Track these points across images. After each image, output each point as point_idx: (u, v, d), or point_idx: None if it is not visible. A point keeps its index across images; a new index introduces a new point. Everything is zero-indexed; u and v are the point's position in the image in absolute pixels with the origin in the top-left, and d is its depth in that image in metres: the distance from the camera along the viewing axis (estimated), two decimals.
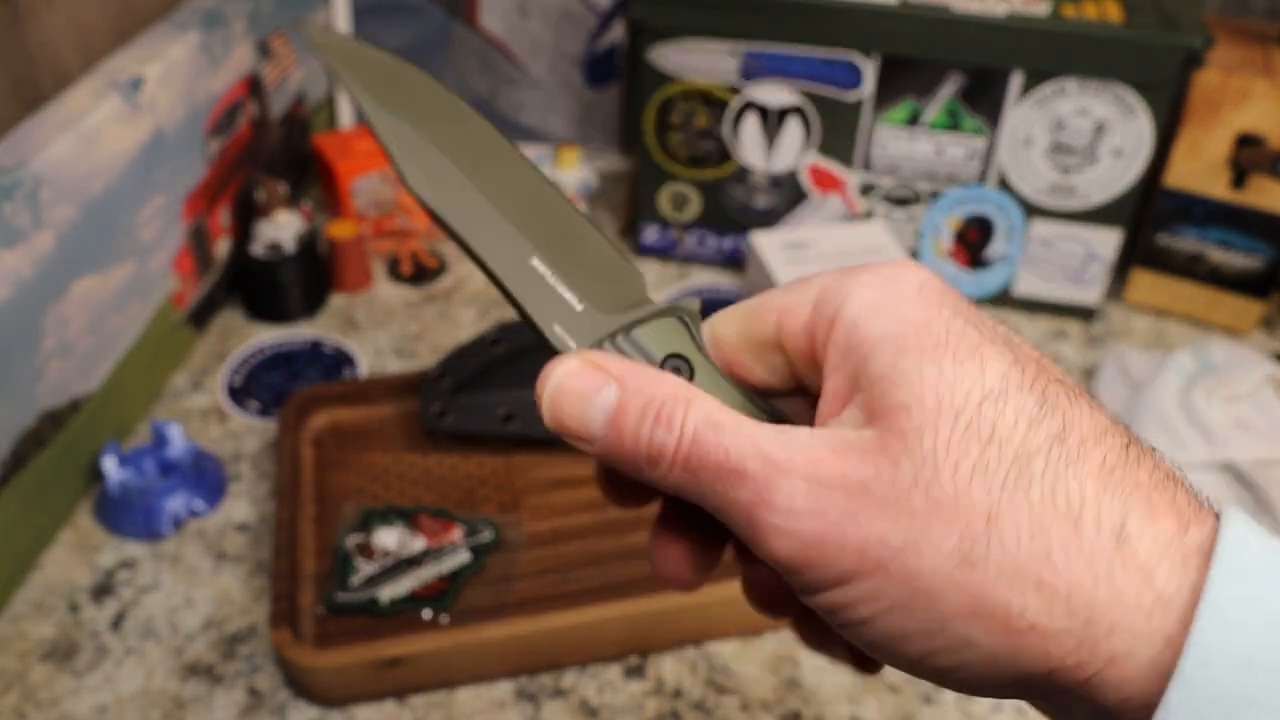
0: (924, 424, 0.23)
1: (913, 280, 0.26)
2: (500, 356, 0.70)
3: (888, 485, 0.23)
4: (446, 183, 0.29)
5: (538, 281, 0.29)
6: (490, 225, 0.29)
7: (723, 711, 0.55)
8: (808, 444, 0.25)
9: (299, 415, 0.68)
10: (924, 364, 0.24)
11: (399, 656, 0.53)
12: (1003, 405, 0.23)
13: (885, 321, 0.25)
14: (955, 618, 0.23)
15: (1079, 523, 0.22)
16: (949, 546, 0.23)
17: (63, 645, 0.57)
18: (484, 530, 0.62)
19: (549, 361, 0.28)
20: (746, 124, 0.83)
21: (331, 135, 0.92)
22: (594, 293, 0.29)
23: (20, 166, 0.57)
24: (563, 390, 0.27)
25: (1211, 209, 0.80)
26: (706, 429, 0.26)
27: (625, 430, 0.27)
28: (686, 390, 0.26)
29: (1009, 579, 0.22)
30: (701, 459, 0.25)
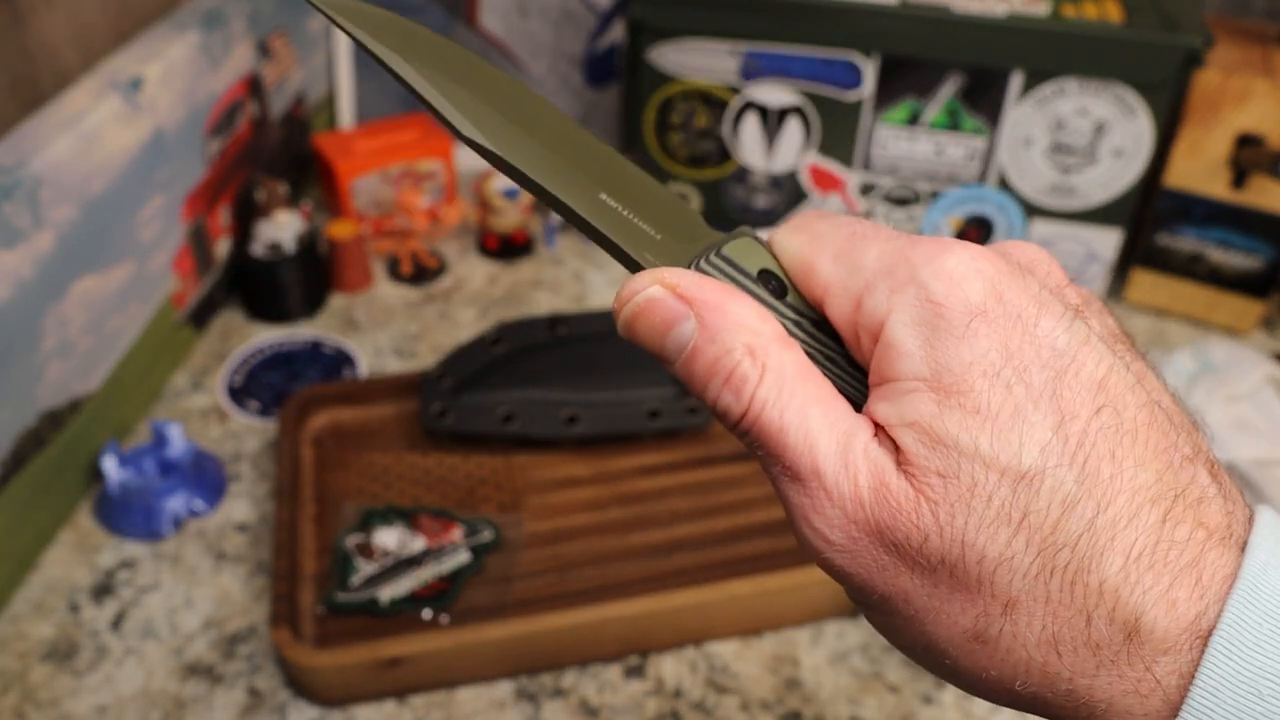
0: (958, 503, 0.23)
1: (965, 305, 0.24)
2: (500, 356, 0.70)
3: (917, 553, 0.23)
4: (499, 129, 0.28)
5: (613, 213, 0.28)
6: (553, 165, 0.28)
7: (723, 711, 0.55)
8: (856, 473, 0.24)
9: (299, 415, 0.68)
10: (961, 434, 0.23)
11: (399, 656, 0.53)
12: (1037, 487, 0.23)
13: (930, 365, 0.24)
14: (961, 673, 0.24)
15: (1091, 619, 0.22)
16: (965, 623, 0.23)
17: (63, 645, 0.57)
18: (484, 530, 0.62)
19: (633, 275, 0.26)
20: (746, 124, 0.83)
21: (331, 135, 0.92)
22: (665, 225, 0.28)
23: (20, 166, 0.57)
24: (640, 315, 0.26)
25: (1211, 209, 0.80)
26: (772, 412, 0.24)
27: (695, 375, 0.25)
28: (770, 347, 0.25)
29: (1016, 659, 0.23)
30: (761, 439, 0.25)
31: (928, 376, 0.24)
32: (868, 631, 0.60)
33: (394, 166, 0.89)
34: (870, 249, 0.25)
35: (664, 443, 0.69)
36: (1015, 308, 0.24)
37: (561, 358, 0.70)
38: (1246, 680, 0.22)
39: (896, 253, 0.25)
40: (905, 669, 0.58)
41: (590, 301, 0.85)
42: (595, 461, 0.68)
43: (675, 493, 0.66)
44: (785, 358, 0.25)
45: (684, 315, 0.25)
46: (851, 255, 0.26)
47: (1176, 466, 0.23)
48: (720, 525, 0.64)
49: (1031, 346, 0.23)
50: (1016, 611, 0.23)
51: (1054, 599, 0.22)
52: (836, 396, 0.25)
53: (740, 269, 0.27)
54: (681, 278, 0.26)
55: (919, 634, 0.24)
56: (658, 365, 0.71)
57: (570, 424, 0.67)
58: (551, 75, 1.00)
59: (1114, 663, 0.22)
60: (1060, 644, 0.23)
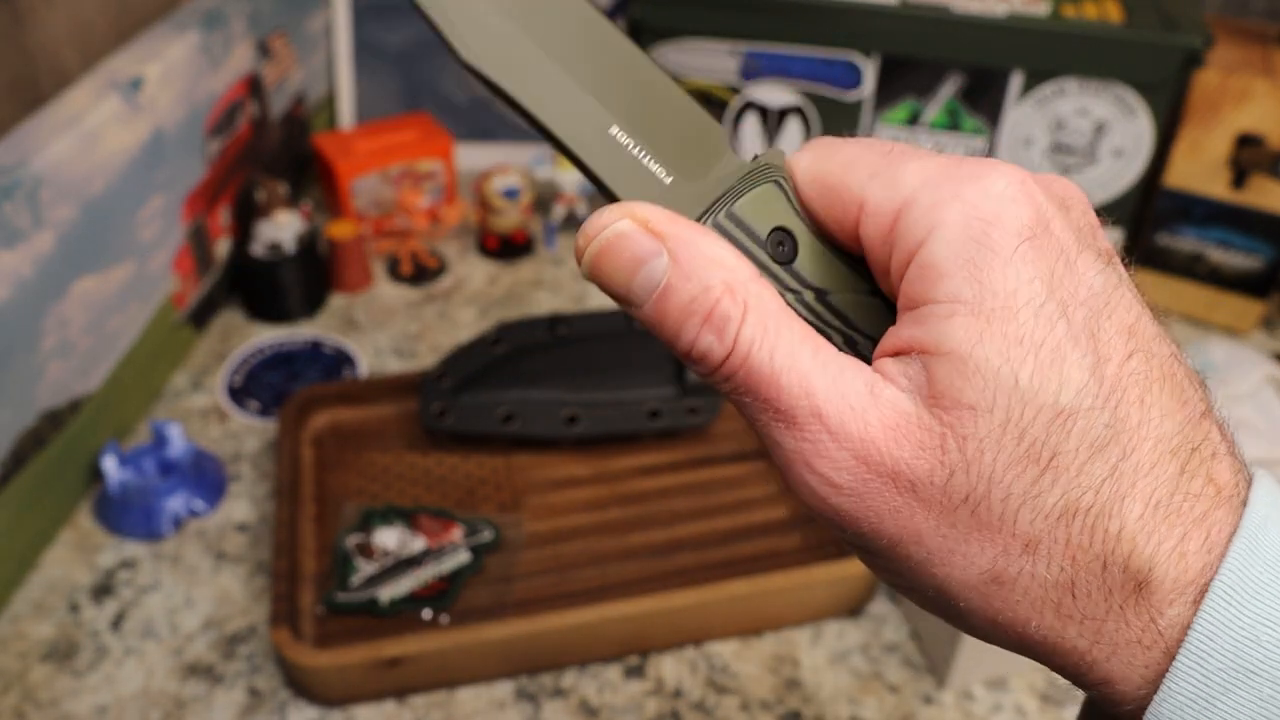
0: (988, 438, 0.22)
1: (1015, 226, 0.23)
2: (500, 356, 0.70)
3: (938, 493, 0.22)
4: (502, 42, 0.25)
5: (620, 154, 0.25)
6: (560, 91, 0.25)
7: (723, 711, 0.55)
8: (864, 411, 0.23)
9: (299, 415, 0.68)
10: (1002, 365, 0.22)
11: (399, 656, 0.53)
12: (1069, 427, 0.22)
13: (971, 286, 0.22)
14: (970, 615, 0.24)
15: (1108, 563, 0.22)
16: (983, 563, 0.23)
17: (63, 645, 0.57)
18: (484, 530, 0.62)
19: (606, 208, 0.24)
20: (746, 124, 0.83)
21: (331, 135, 0.92)
22: (680, 159, 0.26)
23: (20, 166, 0.57)
24: (606, 251, 0.24)
25: (1211, 209, 0.80)
26: (762, 353, 0.23)
27: (669, 314, 0.24)
28: (750, 286, 0.23)
29: (1031, 600, 0.23)
30: (748, 384, 0.23)
31: (969, 299, 0.22)
32: (868, 631, 0.60)
33: (394, 166, 0.89)
34: (909, 165, 0.24)
35: (664, 443, 0.69)
36: (1060, 239, 0.23)
37: (561, 358, 0.70)
38: (1245, 627, 0.22)
39: (940, 169, 0.24)
40: (905, 669, 0.58)
41: (590, 301, 0.85)
42: (595, 461, 0.68)
43: (675, 493, 0.66)
44: (765, 295, 0.24)
45: (655, 251, 0.23)
46: (889, 172, 0.24)
47: (1195, 420, 0.23)
48: (720, 525, 0.64)
49: (1072, 281, 0.23)
50: (1037, 552, 0.22)
51: (1074, 542, 0.22)
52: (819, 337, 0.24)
53: (749, 230, 0.26)
54: (653, 211, 0.24)
55: (929, 576, 0.23)
56: (658, 365, 0.71)
57: (570, 424, 0.67)
58: None
59: (1122, 610, 0.22)
60: (1076, 586, 0.22)
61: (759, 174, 0.26)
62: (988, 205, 0.23)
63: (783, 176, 0.26)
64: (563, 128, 0.25)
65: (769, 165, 0.26)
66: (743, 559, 0.62)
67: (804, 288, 0.26)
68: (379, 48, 0.98)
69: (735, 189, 0.26)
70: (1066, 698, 0.56)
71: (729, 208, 0.26)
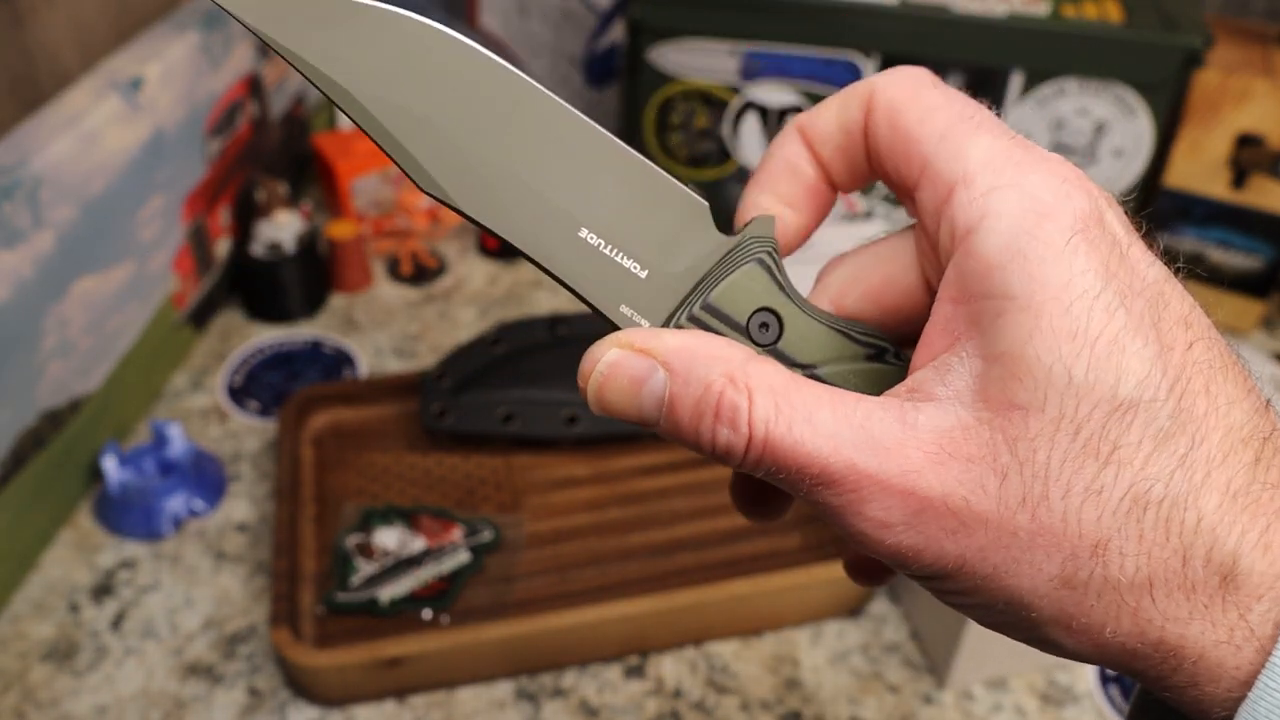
0: (1040, 436, 0.21)
1: (1069, 219, 0.22)
2: (500, 356, 0.70)
3: (993, 502, 0.22)
4: (458, 164, 0.24)
5: (591, 257, 0.25)
6: (524, 203, 0.24)
7: (723, 711, 0.55)
8: (900, 447, 0.22)
9: (299, 415, 0.68)
10: (1054, 363, 0.21)
11: (399, 656, 0.53)
12: (1130, 420, 0.21)
13: (1022, 280, 0.22)
14: (1046, 624, 0.23)
15: (1188, 557, 0.21)
16: (1051, 570, 0.22)
17: (63, 645, 0.57)
18: (484, 530, 0.62)
19: (595, 344, 0.25)
20: (746, 124, 0.83)
21: (331, 135, 0.92)
22: (657, 250, 0.25)
23: (20, 166, 0.57)
24: (606, 383, 0.24)
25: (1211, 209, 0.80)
26: (779, 429, 0.23)
27: (683, 424, 0.24)
28: (745, 369, 0.23)
29: (1107, 603, 0.22)
30: (778, 462, 0.23)
31: (1018, 294, 0.22)
32: (868, 631, 0.60)
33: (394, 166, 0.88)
34: (980, 139, 0.24)
35: (664, 443, 0.69)
36: (1112, 231, 0.23)
37: (561, 358, 0.70)
38: None
39: (1004, 152, 0.23)
40: (905, 669, 0.58)
41: None
42: (595, 461, 0.68)
43: (675, 493, 0.66)
44: (766, 371, 0.23)
45: (650, 368, 0.24)
46: (958, 138, 0.24)
47: (1262, 409, 0.23)
48: (720, 525, 0.64)
49: (1127, 273, 0.22)
50: (1107, 552, 0.21)
51: (1147, 536, 0.21)
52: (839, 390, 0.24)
53: (727, 318, 0.25)
54: (636, 335, 0.24)
55: (999, 590, 0.22)
56: None
57: (570, 424, 0.67)
58: (551, 75, 1.00)
59: (1207, 609, 0.21)
60: (1155, 585, 0.21)
61: (740, 252, 0.26)
62: (1042, 196, 0.22)
63: (767, 250, 0.26)
64: (529, 242, 0.25)
65: (753, 239, 0.26)
66: (743, 559, 0.62)
67: (792, 368, 0.25)
68: None
69: (713, 275, 0.25)
70: (1066, 698, 0.57)
71: (705, 298, 0.25)
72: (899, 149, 0.25)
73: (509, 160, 0.24)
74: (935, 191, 0.24)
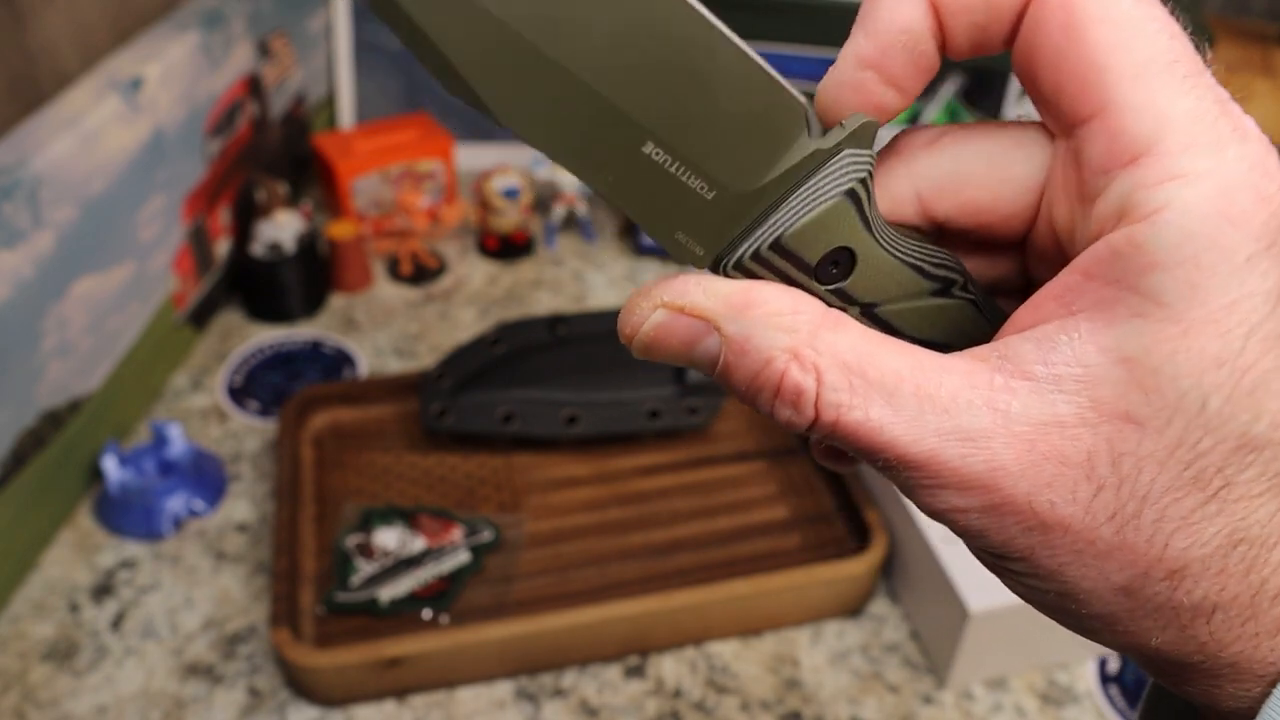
0: (1150, 458, 0.19)
1: (1257, 229, 0.19)
2: (500, 356, 0.70)
3: (1080, 511, 0.20)
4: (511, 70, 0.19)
5: (652, 175, 0.21)
6: (582, 117, 0.20)
7: (723, 711, 0.55)
8: (988, 441, 0.20)
9: (299, 415, 0.68)
10: (1191, 388, 0.19)
11: (399, 656, 0.53)
12: (1251, 460, 0.19)
13: (1182, 290, 0.19)
14: (1092, 619, 0.22)
15: (1260, 592, 0.20)
16: (1118, 580, 0.20)
17: (63, 645, 0.57)
18: (484, 530, 0.62)
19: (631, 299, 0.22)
20: None
21: (331, 135, 0.92)
22: (731, 165, 0.21)
23: (20, 166, 0.57)
24: (654, 345, 0.22)
25: None
26: (853, 415, 0.20)
27: (736, 388, 0.21)
28: (814, 341, 0.20)
29: (1160, 619, 0.21)
30: (848, 442, 0.20)
31: (1172, 303, 0.19)
32: (868, 631, 0.60)
33: (394, 166, 0.89)
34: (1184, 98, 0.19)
35: (664, 443, 0.69)
36: None
37: (561, 358, 0.70)
38: None
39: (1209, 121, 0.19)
40: (905, 669, 0.58)
41: (590, 301, 0.85)
42: (595, 461, 0.68)
43: (675, 493, 0.66)
44: (839, 343, 0.20)
45: (702, 331, 0.21)
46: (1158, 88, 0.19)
47: None
48: (720, 525, 0.64)
49: None
50: (1182, 578, 0.20)
51: (1229, 570, 0.20)
52: (920, 353, 0.21)
53: (798, 260, 0.21)
54: (686, 296, 0.21)
55: (1056, 583, 0.21)
56: (658, 365, 0.71)
57: (570, 424, 0.67)
58: None
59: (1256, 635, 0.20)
60: (1216, 612, 0.20)
61: (829, 178, 0.21)
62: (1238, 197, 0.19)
63: (861, 176, 0.21)
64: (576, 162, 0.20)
65: (849, 158, 0.21)
66: (743, 559, 0.62)
67: (848, 305, 0.22)
68: (379, 48, 0.98)
69: (791, 204, 0.21)
70: (1066, 698, 0.56)
71: (777, 236, 0.21)
72: (1071, 68, 0.20)
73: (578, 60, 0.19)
74: (1110, 145, 0.20)
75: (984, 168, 0.23)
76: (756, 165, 0.21)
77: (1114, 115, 0.19)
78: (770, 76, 0.21)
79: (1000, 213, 0.23)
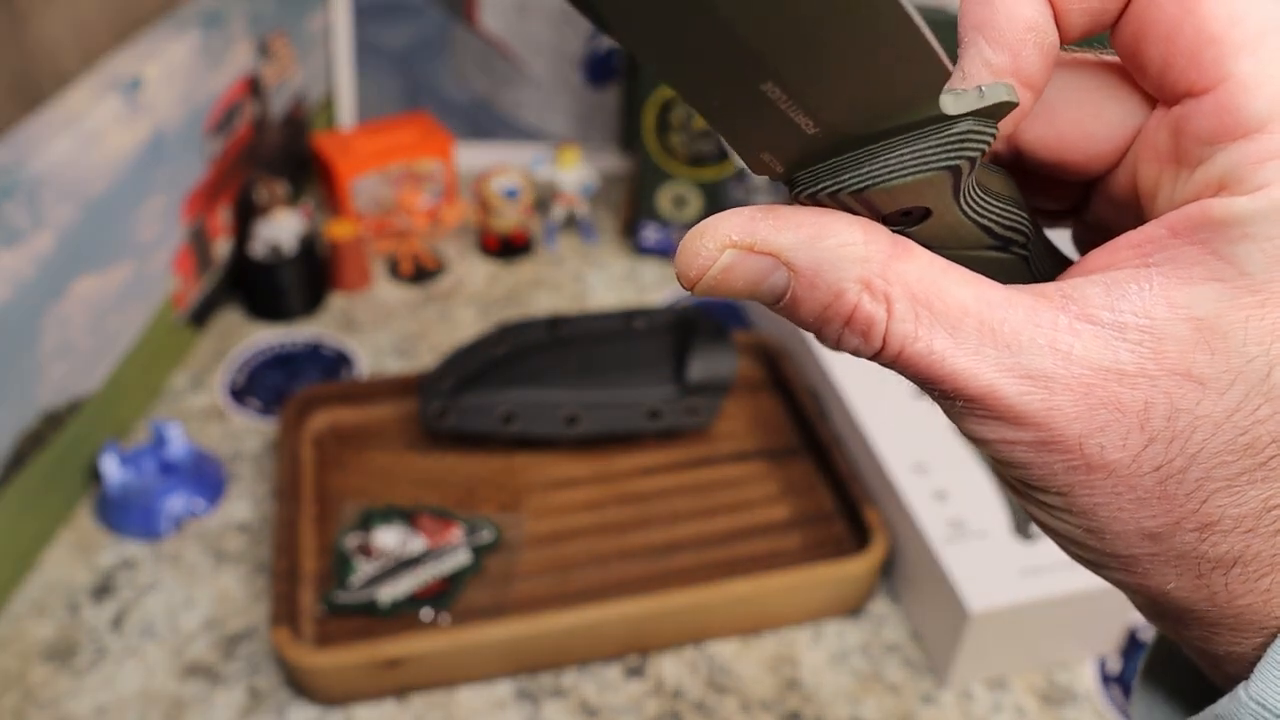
0: (1204, 420, 0.19)
1: None
2: (500, 356, 0.70)
3: (1128, 458, 0.20)
4: None
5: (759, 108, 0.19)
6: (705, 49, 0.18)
7: (723, 711, 0.55)
8: (1048, 383, 0.20)
9: (299, 415, 0.68)
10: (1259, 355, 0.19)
11: (399, 656, 0.53)
12: None
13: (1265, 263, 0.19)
14: (1112, 559, 0.22)
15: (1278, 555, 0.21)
16: (1149, 526, 0.21)
17: (63, 645, 0.57)
18: (484, 530, 0.62)
19: (699, 231, 0.21)
20: None
21: (331, 135, 0.92)
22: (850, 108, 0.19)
23: (20, 166, 0.57)
24: (721, 284, 0.21)
25: None
26: (918, 345, 0.20)
27: (803, 320, 0.21)
28: (886, 272, 0.20)
29: (1180, 566, 0.21)
30: (910, 371, 0.21)
31: (1254, 273, 0.19)
32: (868, 631, 0.60)
33: (394, 166, 0.89)
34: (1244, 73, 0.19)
35: (664, 443, 0.69)
36: None
37: (561, 358, 0.70)
38: None
39: None
40: (905, 669, 0.58)
41: (590, 301, 0.85)
42: (595, 461, 0.68)
43: (675, 493, 0.66)
44: (909, 273, 0.20)
45: (770, 268, 0.21)
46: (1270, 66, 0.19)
47: None
48: (720, 525, 0.64)
49: None
50: (1212, 531, 0.20)
51: (1259, 530, 0.20)
52: (987, 285, 0.21)
53: (875, 210, 0.21)
54: (754, 233, 0.21)
55: (1086, 520, 0.21)
56: (658, 365, 0.71)
57: (570, 424, 0.67)
58: (551, 75, 1.00)
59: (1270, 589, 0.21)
60: (1235, 566, 0.21)
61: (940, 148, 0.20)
62: None
63: (975, 155, 0.20)
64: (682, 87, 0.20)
65: (965, 133, 0.20)
66: (743, 559, 0.62)
67: None
68: (379, 48, 0.98)
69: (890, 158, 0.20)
70: (1066, 698, 0.56)
71: (864, 188, 0.20)
72: (1186, 42, 0.20)
73: None
74: (1221, 119, 0.20)
75: (1082, 105, 0.23)
76: (875, 113, 0.20)
77: (1226, 91, 0.19)
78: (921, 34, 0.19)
79: (1085, 152, 0.23)
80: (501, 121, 1.01)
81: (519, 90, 1.01)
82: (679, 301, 0.86)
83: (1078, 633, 0.57)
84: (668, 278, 0.89)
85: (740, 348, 0.76)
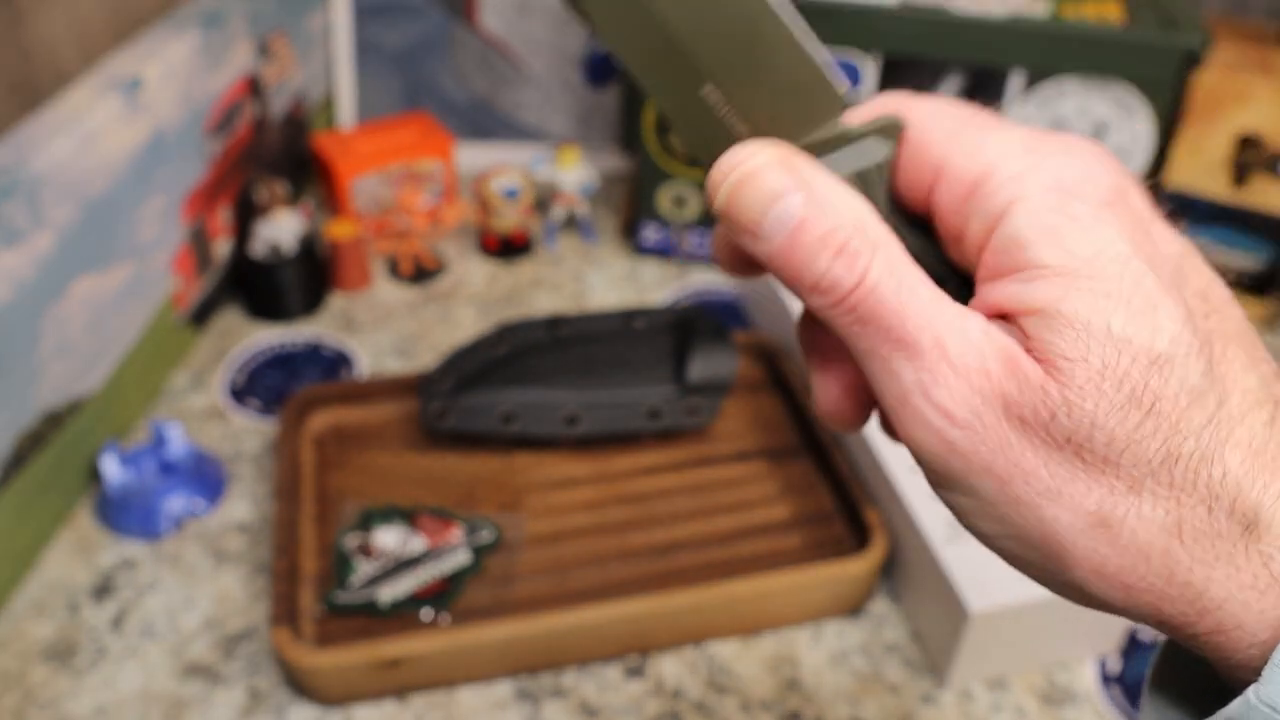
0: (1086, 385, 0.22)
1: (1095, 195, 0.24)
2: (500, 356, 0.70)
3: (1044, 429, 0.23)
4: None
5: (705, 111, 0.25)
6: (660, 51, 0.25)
7: (723, 711, 0.55)
8: (980, 346, 0.23)
9: (299, 415, 0.68)
10: (1094, 315, 0.22)
11: (399, 656, 0.53)
12: (1168, 374, 0.22)
13: (1056, 251, 0.23)
14: (1077, 566, 0.23)
15: (1213, 508, 0.22)
16: (1089, 504, 0.23)
17: (63, 645, 0.57)
18: (484, 530, 0.62)
19: (738, 146, 0.25)
20: None
21: (331, 135, 0.92)
22: (773, 121, 0.25)
23: (20, 166, 0.57)
24: (746, 183, 0.24)
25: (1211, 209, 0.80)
26: (889, 282, 0.24)
27: (800, 249, 0.24)
28: (876, 228, 0.24)
29: (1139, 545, 0.23)
30: (874, 312, 0.24)
31: (1052, 264, 0.23)
32: (868, 631, 0.60)
33: (394, 166, 0.89)
34: (991, 136, 0.25)
35: (664, 443, 0.69)
36: (1136, 208, 0.24)
37: (561, 358, 0.70)
38: None
39: (1021, 141, 0.25)
40: (905, 669, 0.58)
41: (590, 301, 0.85)
42: (595, 461, 0.68)
43: (675, 493, 0.66)
44: (891, 240, 0.24)
45: (793, 186, 0.24)
46: (970, 137, 0.25)
47: (1270, 377, 0.24)
48: (720, 525, 0.64)
49: (1150, 244, 0.24)
50: (1141, 494, 0.22)
51: (1178, 485, 0.22)
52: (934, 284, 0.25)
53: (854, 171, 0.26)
54: (794, 154, 0.25)
55: (1037, 521, 0.23)
56: (658, 365, 0.71)
57: (570, 424, 0.67)
58: (551, 75, 1.00)
59: (1231, 555, 0.22)
60: (1183, 529, 0.22)
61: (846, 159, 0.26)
62: (1069, 175, 0.24)
63: (876, 162, 0.26)
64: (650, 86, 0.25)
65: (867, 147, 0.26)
66: (743, 559, 0.62)
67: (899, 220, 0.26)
68: (379, 48, 0.98)
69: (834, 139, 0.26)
70: (1066, 698, 0.57)
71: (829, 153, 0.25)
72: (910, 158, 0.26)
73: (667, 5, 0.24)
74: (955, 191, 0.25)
75: None
76: (793, 129, 0.25)
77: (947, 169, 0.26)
78: (818, 64, 0.25)
79: None
80: (501, 121, 1.01)
81: (519, 90, 1.01)
82: (679, 301, 0.86)
83: (1078, 633, 0.57)
84: (668, 278, 0.89)
85: (740, 348, 0.76)
